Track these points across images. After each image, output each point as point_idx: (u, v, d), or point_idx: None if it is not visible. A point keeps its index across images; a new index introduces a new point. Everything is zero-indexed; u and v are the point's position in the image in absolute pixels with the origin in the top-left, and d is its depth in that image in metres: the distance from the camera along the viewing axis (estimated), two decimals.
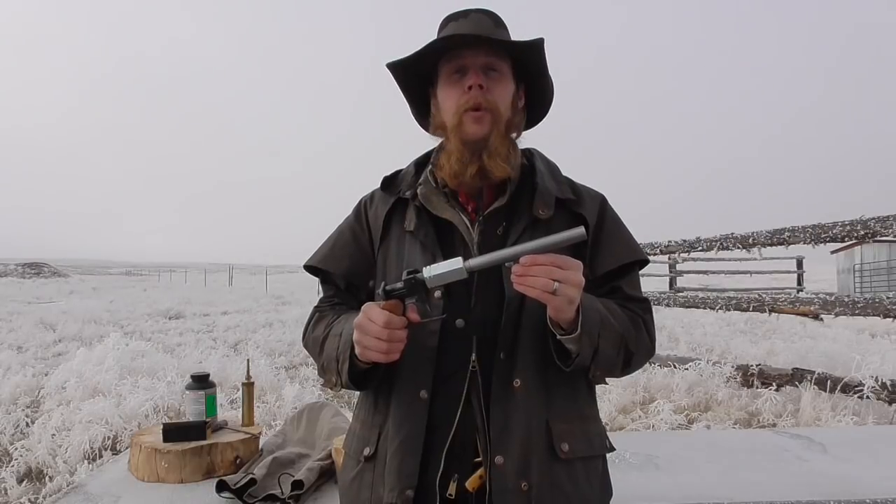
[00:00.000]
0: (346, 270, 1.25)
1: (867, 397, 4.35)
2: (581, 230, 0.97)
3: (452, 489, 1.08)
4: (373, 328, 1.01)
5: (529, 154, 1.26)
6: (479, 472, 1.08)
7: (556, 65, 1.19)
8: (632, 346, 1.11)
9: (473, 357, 1.10)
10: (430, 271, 1.01)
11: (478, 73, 1.12)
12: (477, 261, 1.00)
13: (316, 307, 1.29)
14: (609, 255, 1.18)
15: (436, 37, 1.16)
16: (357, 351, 1.06)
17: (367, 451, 1.16)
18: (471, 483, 1.08)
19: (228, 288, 27.96)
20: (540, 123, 1.28)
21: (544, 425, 1.09)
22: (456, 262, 0.99)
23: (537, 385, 1.10)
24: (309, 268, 1.29)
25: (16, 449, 3.87)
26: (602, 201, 1.24)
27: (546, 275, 0.95)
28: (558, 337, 1.05)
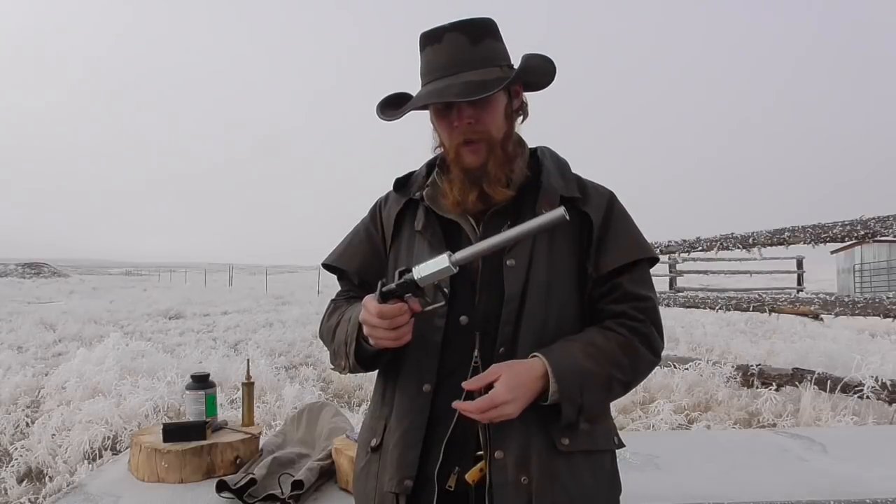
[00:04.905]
0: (359, 268, 1.30)
1: (867, 397, 4.35)
2: (560, 211, 0.98)
3: (452, 481, 1.11)
4: (374, 320, 1.05)
5: (539, 152, 1.27)
6: (480, 465, 1.10)
7: (556, 62, 1.18)
8: (626, 377, 1.13)
9: (476, 353, 1.13)
10: (419, 271, 1.03)
11: (462, 112, 1.14)
12: (462, 254, 1.02)
13: (332, 300, 1.35)
14: (614, 252, 1.18)
15: (419, 52, 1.17)
16: (371, 342, 1.10)
17: (373, 442, 1.20)
18: (471, 475, 1.10)
19: (228, 288, 27.94)
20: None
21: (544, 420, 1.10)
22: (442, 260, 1.01)
23: None
24: (326, 265, 1.35)
25: (16, 449, 3.87)
26: (610, 198, 1.24)
27: (478, 413, 1.03)
28: (542, 403, 1.07)
